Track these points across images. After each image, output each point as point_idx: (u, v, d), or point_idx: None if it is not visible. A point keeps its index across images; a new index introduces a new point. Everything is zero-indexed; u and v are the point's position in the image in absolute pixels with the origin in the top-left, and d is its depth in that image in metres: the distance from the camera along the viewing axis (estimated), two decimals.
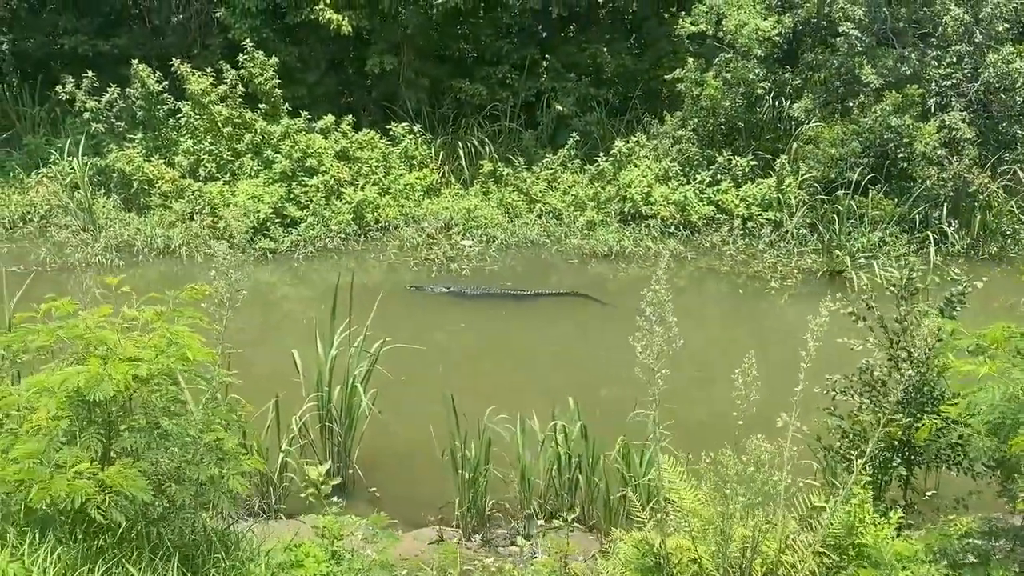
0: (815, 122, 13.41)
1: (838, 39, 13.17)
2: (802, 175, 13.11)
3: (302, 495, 5.53)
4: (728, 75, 13.89)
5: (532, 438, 6.15)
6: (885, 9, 12.95)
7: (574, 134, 14.62)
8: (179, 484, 3.63)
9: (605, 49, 16.10)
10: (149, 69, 13.58)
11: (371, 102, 16.17)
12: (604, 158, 14.17)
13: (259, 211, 12.45)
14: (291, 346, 6.81)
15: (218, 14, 15.11)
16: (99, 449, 3.53)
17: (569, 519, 4.89)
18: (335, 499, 4.97)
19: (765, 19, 13.63)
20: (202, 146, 13.57)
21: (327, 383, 6.42)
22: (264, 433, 6.07)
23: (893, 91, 12.56)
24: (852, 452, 4.14)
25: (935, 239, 12.10)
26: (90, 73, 13.59)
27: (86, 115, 13.58)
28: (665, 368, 3.69)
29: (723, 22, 13.77)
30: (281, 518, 5.66)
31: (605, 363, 9.42)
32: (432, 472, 6.70)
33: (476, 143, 14.86)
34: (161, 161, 13.36)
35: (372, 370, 6.61)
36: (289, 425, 6.30)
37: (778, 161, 13.18)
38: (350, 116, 14.31)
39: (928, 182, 12.40)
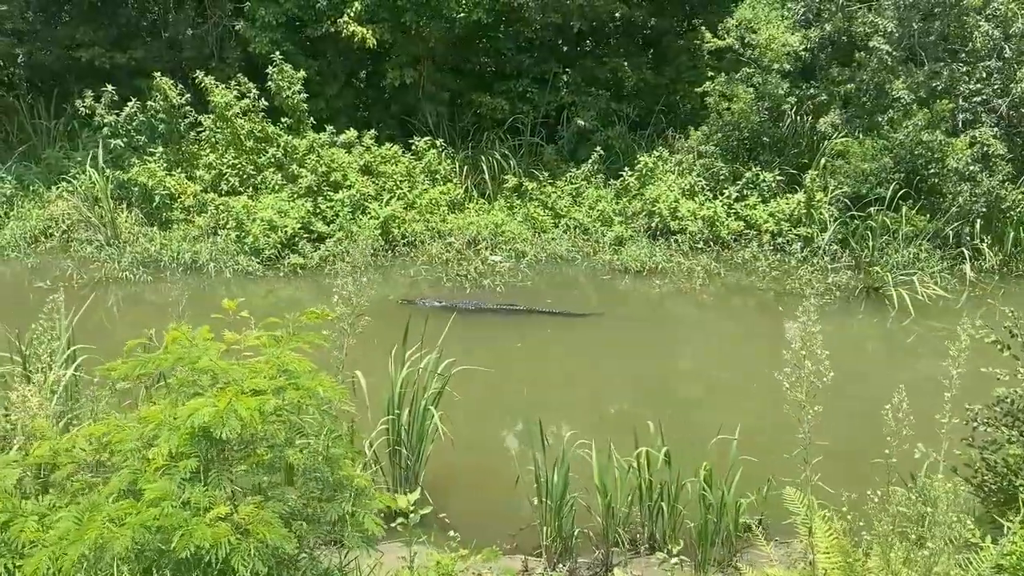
0: (842, 137, 13.38)
1: (860, 54, 13.17)
2: (832, 190, 13.04)
3: (392, 524, 5.34)
4: (753, 89, 13.86)
5: (606, 461, 5.96)
6: (915, 24, 12.94)
7: (597, 148, 14.52)
8: (310, 523, 3.44)
9: (625, 63, 16.03)
10: (171, 82, 13.40)
11: (389, 116, 16.01)
12: (629, 172, 14.07)
13: (286, 226, 12.26)
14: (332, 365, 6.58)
15: (237, 27, 14.94)
16: (230, 490, 3.34)
17: (674, 551, 4.72)
18: (452, 534, 4.77)
19: (792, 33, 13.63)
20: (224, 160, 13.37)
21: (397, 406, 6.23)
22: None
23: (916, 105, 12.53)
24: (1017, 485, 3.99)
25: (969, 256, 12.08)
26: (109, 87, 13.39)
27: (105, 130, 13.36)
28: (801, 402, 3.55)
29: (752, 36, 13.73)
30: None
31: (635, 380, 9.27)
32: (497, 495, 6.52)
33: (499, 157, 14.72)
34: (183, 175, 13.15)
35: (443, 391, 6.42)
36: (360, 450, 6.09)
37: (807, 176, 13.12)
38: (372, 130, 14.17)
39: (960, 198, 12.35)
